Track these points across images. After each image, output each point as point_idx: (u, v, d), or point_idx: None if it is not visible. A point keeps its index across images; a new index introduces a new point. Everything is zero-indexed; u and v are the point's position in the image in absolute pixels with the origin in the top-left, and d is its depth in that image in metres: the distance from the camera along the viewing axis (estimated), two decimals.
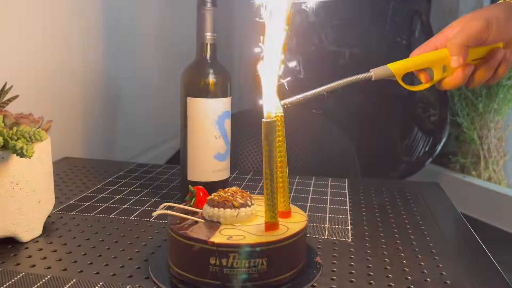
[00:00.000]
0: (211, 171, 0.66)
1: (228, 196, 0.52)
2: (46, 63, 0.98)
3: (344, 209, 0.72)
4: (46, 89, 0.99)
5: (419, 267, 0.54)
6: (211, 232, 0.49)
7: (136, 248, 0.58)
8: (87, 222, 0.65)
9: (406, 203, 0.76)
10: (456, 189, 2.54)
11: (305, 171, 1.34)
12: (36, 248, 0.57)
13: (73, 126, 1.10)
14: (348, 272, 0.52)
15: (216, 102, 0.64)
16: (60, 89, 1.04)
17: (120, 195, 0.77)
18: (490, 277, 0.53)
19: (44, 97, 0.99)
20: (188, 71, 0.65)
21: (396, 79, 0.58)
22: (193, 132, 0.65)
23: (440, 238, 0.63)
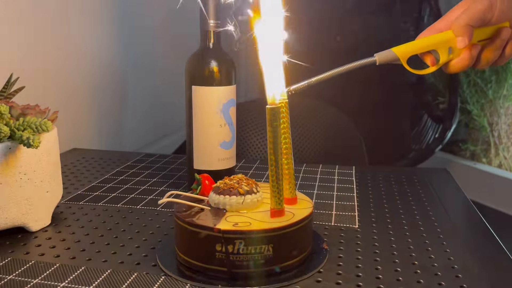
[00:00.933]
0: (216, 159, 0.66)
1: (233, 183, 0.52)
2: (53, 53, 0.99)
3: (351, 196, 0.72)
4: (53, 80, 0.99)
5: (426, 253, 0.53)
6: (217, 219, 0.49)
7: (143, 236, 0.58)
8: (95, 212, 0.66)
9: (414, 190, 0.76)
10: (467, 176, 2.52)
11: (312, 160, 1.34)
12: (45, 237, 0.58)
13: (82, 117, 1.11)
14: (355, 258, 0.52)
15: (221, 90, 0.64)
16: (68, 80, 1.04)
17: (128, 185, 0.77)
18: (499, 262, 0.52)
19: (52, 89, 0.99)
20: (192, 60, 0.65)
21: (401, 62, 0.57)
22: (198, 121, 0.65)
23: (448, 224, 0.62)
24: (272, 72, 0.48)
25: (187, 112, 0.66)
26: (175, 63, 1.63)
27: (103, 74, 1.19)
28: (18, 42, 0.89)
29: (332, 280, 0.47)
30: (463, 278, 0.48)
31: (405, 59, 0.57)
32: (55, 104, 1.00)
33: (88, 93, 1.13)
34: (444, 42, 0.56)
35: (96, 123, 1.17)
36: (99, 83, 1.17)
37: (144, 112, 1.41)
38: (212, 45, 0.65)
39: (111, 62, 1.22)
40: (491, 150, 2.57)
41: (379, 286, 0.46)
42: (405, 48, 0.57)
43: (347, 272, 0.49)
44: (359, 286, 0.46)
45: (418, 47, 0.57)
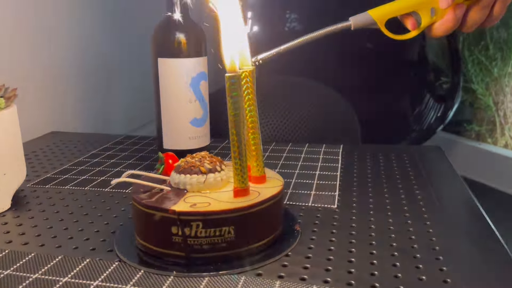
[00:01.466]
0: (187, 137, 0.62)
1: (195, 161, 0.48)
2: (33, 35, 0.94)
3: (334, 175, 0.68)
4: (33, 62, 0.95)
5: (407, 233, 0.49)
6: (175, 200, 0.45)
7: (105, 220, 0.54)
8: (60, 195, 0.62)
9: (402, 168, 0.71)
10: (472, 157, 2.46)
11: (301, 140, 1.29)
12: (0, 222, 0.54)
13: (64, 100, 1.07)
14: (328, 240, 0.48)
15: (189, 62, 0.59)
16: (51, 64, 1.00)
17: (100, 167, 0.73)
18: (485, 244, 0.48)
19: (31, 71, 0.95)
20: (158, 30, 0.61)
21: (378, 27, 0.52)
22: (165, 97, 0.60)
23: (434, 203, 0.58)
24: (233, 36, 0.44)
25: (154, 87, 0.62)
26: None
27: (89, 57, 1.15)
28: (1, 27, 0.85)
29: (300, 264, 0.43)
30: (444, 261, 0.43)
31: (383, 22, 0.52)
32: (35, 86, 0.96)
33: (71, 75, 1.09)
34: (426, 2, 0.51)
35: (80, 107, 1.13)
36: (84, 67, 1.13)
37: (131, 96, 1.37)
38: (180, 14, 0.60)
39: (95, 45, 1.17)
40: (496, 130, 2.50)
41: (350, 270, 0.42)
42: (383, 10, 0.52)
43: (317, 256, 0.45)
44: (327, 270, 0.42)
45: (397, 9, 0.52)
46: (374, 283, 0.39)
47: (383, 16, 0.51)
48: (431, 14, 0.52)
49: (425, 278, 0.40)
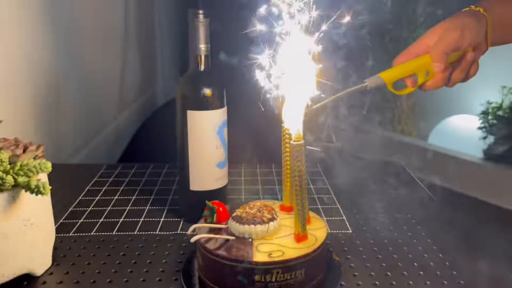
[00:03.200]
0: (213, 179, 0.67)
1: (255, 212, 0.55)
2: None
3: (330, 198, 0.79)
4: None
5: (418, 250, 0.62)
6: (248, 250, 0.52)
7: (159, 267, 0.59)
8: (92, 244, 0.64)
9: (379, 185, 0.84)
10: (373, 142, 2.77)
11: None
12: (55, 281, 0.56)
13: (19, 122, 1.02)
14: (364, 265, 0.59)
15: (216, 113, 0.65)
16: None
17: (110, 207, 0.75)
18: None
19: None
20: (185, 84, 0.65)
21: (387, 87, 0.64)
22: (194, 143, 0.65)
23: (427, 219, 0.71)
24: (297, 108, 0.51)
25: (180, 135, 0.66)
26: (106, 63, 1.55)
27: (35, 76, 1.10)
28: None
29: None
30: None
31: (391, 83, 0.63)
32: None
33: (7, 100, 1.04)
34: (423, 66, 0.64)
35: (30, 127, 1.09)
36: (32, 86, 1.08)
37: (75, 115, 1.33)
38: (204, 68, 0.65)
39: (43, 64, 1.13)
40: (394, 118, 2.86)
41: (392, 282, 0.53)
42: (391, 73, 0.63)
43: (365, 281, 0.55)
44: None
45: (401, 72, 0.64)
46: None
47: (391, 78, 0.63)
48: (426, 75, 0.64)
49: None
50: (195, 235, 0.53)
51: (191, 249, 0.63)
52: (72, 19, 1.26)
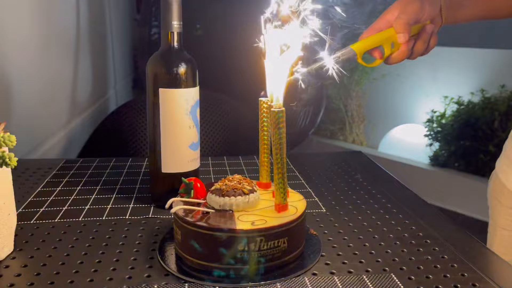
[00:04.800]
0: (186, 161, 0.66)
1: (235, 184, 0.54)
2: None
3: (301, 183, 0.79)
4: None
5: (392, 225, 0.63)
6: (229, 220, 0.50)
7: (133, 247, 0.56)
8: (57, 229, 0.60)
9: (343, 171, 0.86)
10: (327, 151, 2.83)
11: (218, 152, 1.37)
12: (19, 265, 0.51)
13: None
14: (342, 238, 0.59)
15: (189, 92, 0.64)
16: None
17: (73, 196, 0.71)
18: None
19: None
20: (156, 61, 0.64)
21: (357, 59, 0.66)
22: (167, 124, 0.64)
23: (395, 198, 0.73)
24: (277, 73, 0.52)
25: (151, 115, 0.65)
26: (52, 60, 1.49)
27: None
28: None
29: (335, 260, 0.53)
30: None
31: (361, 55, 0.66)
32: None
33: None
34: (388, 38, 0.67)
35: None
36: None
37: (26, 115, 1.27)
38: (176, 46, 0.64)
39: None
40: (346, 128, 2.93)
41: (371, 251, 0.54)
42: (361, 44, 0.66)
43: (344, 251, 0.55)
44: (360, 261, 0.53)
45: (370, 43, 0.66)
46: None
47: (361, 49, 0.66)
48: (391, 47, 0.67)
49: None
50: (176, 206, 0.51)
51: (166, 230, 0.60)
52: (24, 27, 1.22)
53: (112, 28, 2.35)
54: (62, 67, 1.60)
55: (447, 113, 2.54)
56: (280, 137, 0.51)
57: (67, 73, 1.66)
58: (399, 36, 0.66)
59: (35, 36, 1.32)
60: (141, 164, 0.88)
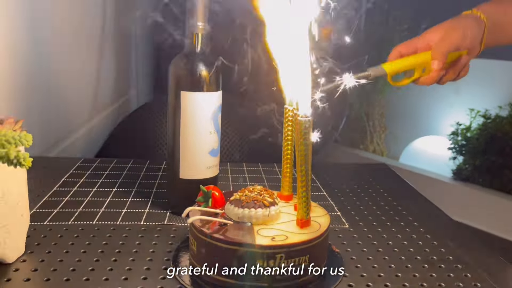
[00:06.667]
0: (205, 167, 0.63)
1: (256, 195, 0.51)
2: None
3: (323, 195, 0.76)
4: None
5: (419, 246, 0.59)
6: (248, 233, 0.48)
7: (146, 256, 0.54)
8: (70, 232, 0.59)
9: (367, 184, 0.82)
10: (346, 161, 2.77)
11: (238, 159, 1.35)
12: (30, 269, 0.50)
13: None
14: (366, 258, 0.56)
15: (212, 96, 0.62)
16: None
17: (88, 198, 0.70)
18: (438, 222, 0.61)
19: None
20: (179, 63, 0.61)
21: (386, 77, 0.64)
22: (187, 128, 0.61)
23: (422, 215, 0.70)
24: (302, 83, 0.49)
25: (171, 118, 0.62)
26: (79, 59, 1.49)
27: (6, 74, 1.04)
28: None
29: (361, 283, 0.50)
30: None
31: (392, 75, 0.63)
32: None
33: None
34: (422, 63, 0.65)
35: None
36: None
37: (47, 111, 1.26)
38: (200, 48, 0.62)
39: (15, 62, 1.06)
40: (367, 137, 2.88)
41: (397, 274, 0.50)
42: (394, 66, 0.65)
43: (368, 272, 0.52)
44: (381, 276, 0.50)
45: (403, 66, 0.65)
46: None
47: (393, 71, 0.64)
48: (422, 70, 0.65)
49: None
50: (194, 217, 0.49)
51: (181, 239, 0.58)
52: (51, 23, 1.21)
53: (137, 27, 2.36)
54: (86, 64, 1.60)
55: (473, 126, 2.47)
56: (306, 149, 0.48)
57: (91, 70, 1.66)
58: (433, 62, 0.65)
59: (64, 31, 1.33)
60: (159, 167, 0.86)
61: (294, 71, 0.49)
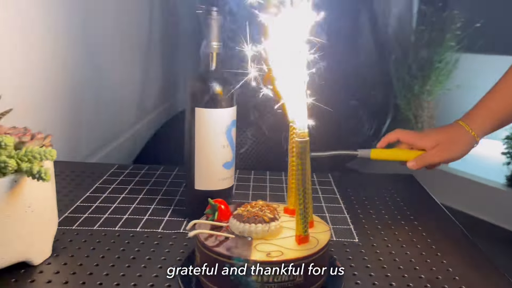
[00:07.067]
0: (218, 179, 0.67)
1: (257, 211, 0.53)
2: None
3: (339, 207, 0.77)
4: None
5: (426, 264, 0.59)
6: (246, 248, 0.50)
7: (157, 263, 0.58)
8: (93, 237, 0.64)
9: (389, 196, 0.82)
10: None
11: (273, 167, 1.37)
12: (52, 271, 0.55)
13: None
14: (368, 274, 0.56)
15: (225, 112, 0.64)
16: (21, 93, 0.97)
17: (116, 204, 0.75)
18: (477, 264, 0.60)
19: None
20: (195, 82, 0.65)
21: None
22: (201, 142, 0.65)
23: (438, 232, 0.69)
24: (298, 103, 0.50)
25: (187, 132, 0.66)
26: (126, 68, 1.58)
27: (57, 80, 1.12)
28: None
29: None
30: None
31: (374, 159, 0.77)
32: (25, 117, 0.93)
33: (38, 100, 1.06)
34: (404, 159, 0.77)
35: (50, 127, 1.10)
36: (50, 88, 1.11)
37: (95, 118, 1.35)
38: (215, 67, 0.65)
39: (67, 72, 1.15)
40: None
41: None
42: (380, 154, 0.78)
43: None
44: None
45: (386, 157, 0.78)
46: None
47: (378, 158, 0.77)
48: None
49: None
50: (194, 231, 0.52)
51: (192, 247, 0.61)
52: (101, 38, 1.29)
53: (182, 33, 2.44)
54: (133, 72, 1.69)
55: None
56: (303, 168, 0.50)
57: (137, 78, 1.74)
58: (411, 164, 0.76)
59: (113, 42, 1.41)
60: (185, 174, 0.90)
61: (291, 88, 0.51)
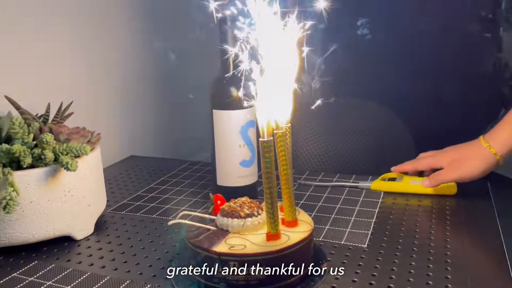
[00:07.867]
0: (237, 177, 0.71)
1: (236, 206, 0.56)
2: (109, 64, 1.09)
3: (372, 211, 0.73)
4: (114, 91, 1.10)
5: (425, 279, 0.54)
6: (218, 240, 0.54)
7: (166, 248, 0.65)
8: (132, 222, 0.74)
9: (439, 213, 0.74)
10: None
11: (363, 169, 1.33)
12: (85, 246, 0.67)
13: (141, 126, 1.21)
14: (351, 280, 0.54)
15: (239, 113, 0.68)
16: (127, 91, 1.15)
17: (167, 195, 0.85)
18: None
19: (111, 99, 1.10)
20: (212, 84, 0.70)
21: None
22: (219, 142, 0.70)
23: (461, 255, 0.61)
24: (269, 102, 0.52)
25: (211, 132, 0.72)
26: None
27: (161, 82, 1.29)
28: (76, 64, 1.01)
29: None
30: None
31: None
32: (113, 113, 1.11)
33: (147, 100, 1.23)
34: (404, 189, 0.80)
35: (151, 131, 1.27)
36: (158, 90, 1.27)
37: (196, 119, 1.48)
38: (232, 70, 0.69)
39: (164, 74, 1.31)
40: None
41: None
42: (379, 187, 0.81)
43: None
44: None
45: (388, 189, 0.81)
46: None
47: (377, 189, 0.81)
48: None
49: None
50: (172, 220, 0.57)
51: None
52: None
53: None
54: None
55: None
56: (268, 166, 0.51)
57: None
58: (426, 183, 0.78)
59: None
60: None
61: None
